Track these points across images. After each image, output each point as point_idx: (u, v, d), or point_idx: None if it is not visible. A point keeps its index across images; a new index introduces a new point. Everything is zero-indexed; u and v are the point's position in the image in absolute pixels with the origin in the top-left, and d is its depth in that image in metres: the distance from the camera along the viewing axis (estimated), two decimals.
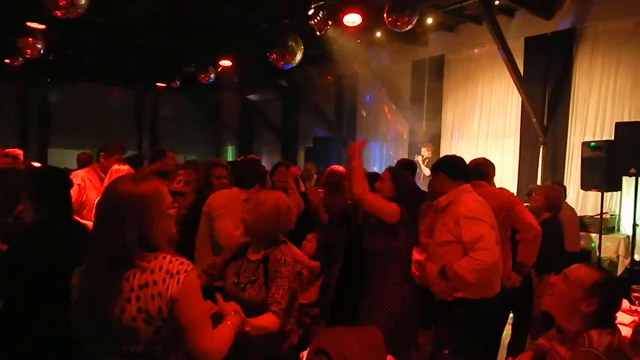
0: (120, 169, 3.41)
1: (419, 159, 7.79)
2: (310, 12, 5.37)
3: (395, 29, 5.01)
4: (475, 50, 8.01)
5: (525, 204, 3.29)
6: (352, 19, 5.44)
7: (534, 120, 6.78)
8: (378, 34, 7.71)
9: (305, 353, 1.79)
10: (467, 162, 2.96)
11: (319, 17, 5.31)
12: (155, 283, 1.34)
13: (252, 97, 13.26)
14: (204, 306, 1.44)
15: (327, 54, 7.96)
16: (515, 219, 2.94)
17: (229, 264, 2.17)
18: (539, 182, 6.82)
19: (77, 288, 1.43)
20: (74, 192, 2.70)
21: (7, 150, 4.79)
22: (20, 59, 6.48)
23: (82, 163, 5.25)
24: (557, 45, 6.75)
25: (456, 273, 2.37)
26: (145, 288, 1.34)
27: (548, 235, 3.31)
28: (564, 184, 5.98)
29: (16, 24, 6.18)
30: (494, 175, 3.41)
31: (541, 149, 6.98)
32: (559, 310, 1.72)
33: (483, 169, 3.20)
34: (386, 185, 2.84)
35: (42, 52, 6.11)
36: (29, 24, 5.95)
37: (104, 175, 3.78)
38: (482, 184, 3.04)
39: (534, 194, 3.95)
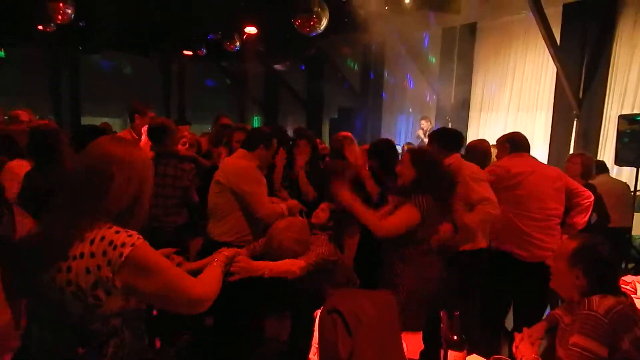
0: None
1: (420, 132, 7.79)
2: None
3: None
4: (510, 18, 7.65)
5: None
6: None
7: (569, 92, 6.49)
8: (407, 0, 7.43)
9: (318, 312, 1.83)
10: (504, 135, 3.25)
11: None
12: (93, 255, 1.16)
13: (277, 66, 13.16)
14: (166, 268, 1.26)
15: (354, 22, 7.75)
16: (570, 189, 3.03)
17: None
18: None
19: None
20: None
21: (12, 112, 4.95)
22: (52, 24, 6.58)
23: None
24: (597, 12, 6.35)
25: (465, 225, 2.70)
26: (79, 259, 1.17)
27: None
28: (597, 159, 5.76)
29: None
30: None
31: (575, 122, 6.70)
32: (559, 288, 1.76)
33: (525, 143, 3.22)
34: (406, 169, 2.48)
35: (72, 17, 6.18)
36: None
37: (137, 137, 3.90)
38: (526, 155, 3.12)
39: (567, 162, 3.85)
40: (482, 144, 3.64)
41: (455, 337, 1.53)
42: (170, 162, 3.04)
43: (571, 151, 6.68)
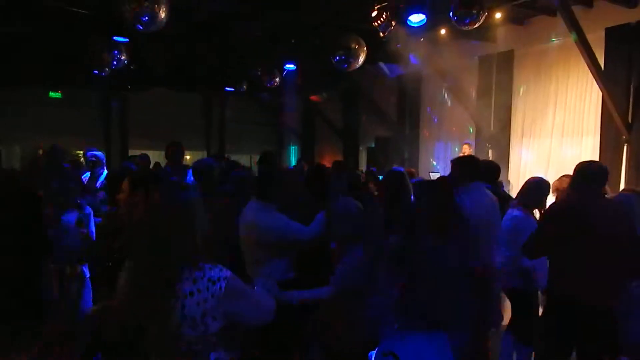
0: None
1: None
2: (374, 14, 5.36)
3: (463, 27, 4.87)
4: (549, 44, 7.56)
5: None
6: (417, 19, 5.36)
7: (616, 116, 6.28)
8: (442, 32, 7.52)
9: (373, 353, 1.83)
10: None
11: (383, 18, 5.30)
12: (200, 291, 1.44)
13: (313, 98, 13.47)
14: (249, 294, 1.61)
15: (389, 53, 7.90)
16: None
17: None
18: (622, 185, 6.31)
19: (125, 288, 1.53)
20: None
21: None
22: (107, 69, 7.10)
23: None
24: None
25: None
26: (191, 297, 1.42)
27: None
28: None
29: (103, 38, 6.80)
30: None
31: (625, 147, 6.44)
32: None
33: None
34: None
35: (125, 62, 6.66)
36: (115, 37, 6.53)
37: None
38: None
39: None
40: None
41: None
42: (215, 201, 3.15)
43: (622, 178, 6.41)
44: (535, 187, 3.39)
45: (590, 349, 2.58)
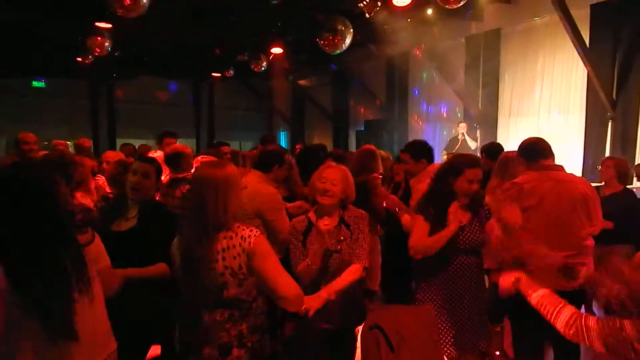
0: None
1: (464, 136, 7.79)
2: None
3: (447, 6, 4.85)
4: (535, 21, 7.58)
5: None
6: (402, 2, 5.32)
7: (602, 94, 6.35)
8: (429, 12, 7.48)
9: (360, 328, 1.89)
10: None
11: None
12: (234, 246, 1.72)
13: (302, 82, 13.38)
14: (276, 259, 1.78)
15: (376, 35, 7.85)
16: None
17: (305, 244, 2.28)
18: None
19: (178, 255, 1.81)
20: None
21: (55, 141, 5.20)
22: (90, 57, 6.99)
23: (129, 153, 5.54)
24: (627, 12, 6.21)
25: None
26: (227, 251, 1.72)
27: (629, 208, 3.19)
28: (636, 162, 5.62)
29: (85, 25, 6.67)
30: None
31: (609, 124, 6.53)
32: None
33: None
34: None
35: (109, 49, 6.56)
36: (97, 24, 6.40)
37: None
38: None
39: (600, 167, 3.75)
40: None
41: (497, 352, 1.55)
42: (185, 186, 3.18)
43: (607, 154, 6.51)
44: None
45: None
